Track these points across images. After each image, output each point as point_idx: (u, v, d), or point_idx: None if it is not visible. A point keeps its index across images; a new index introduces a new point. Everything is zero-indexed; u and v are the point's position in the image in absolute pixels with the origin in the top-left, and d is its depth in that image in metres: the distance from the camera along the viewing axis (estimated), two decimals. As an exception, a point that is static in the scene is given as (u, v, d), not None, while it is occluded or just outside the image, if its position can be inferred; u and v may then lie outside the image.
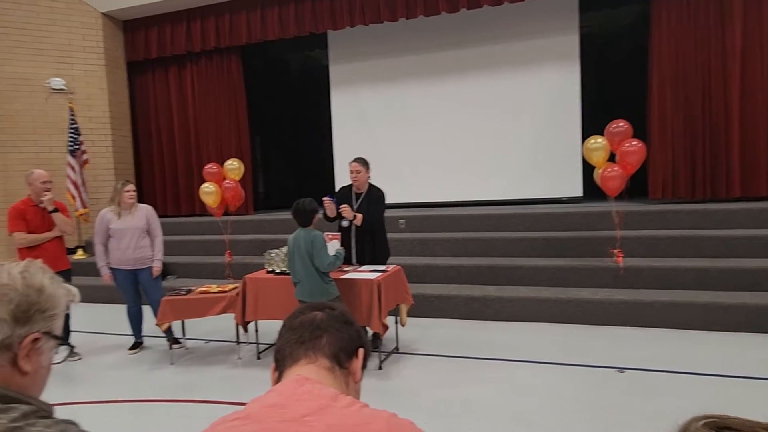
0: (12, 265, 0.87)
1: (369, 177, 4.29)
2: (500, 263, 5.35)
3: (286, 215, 7.38)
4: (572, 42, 6.84)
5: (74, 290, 0.94)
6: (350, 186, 4.31)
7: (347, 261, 4.17)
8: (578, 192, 6.97)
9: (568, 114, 6.89)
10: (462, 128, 7.35)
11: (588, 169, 6.13)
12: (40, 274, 0.87)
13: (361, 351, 0.99)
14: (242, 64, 8.00)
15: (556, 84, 6.93)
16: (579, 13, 6.83)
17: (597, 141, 4.93)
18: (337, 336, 0.96)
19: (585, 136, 5.68)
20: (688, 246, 5.10)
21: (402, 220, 6.33)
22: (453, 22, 7.18)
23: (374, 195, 4.24)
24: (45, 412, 0.81)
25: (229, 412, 2.97)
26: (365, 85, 7.81)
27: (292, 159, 10.66)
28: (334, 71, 8.02)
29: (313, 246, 3.51)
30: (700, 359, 3.69)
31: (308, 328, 0.96)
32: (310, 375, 0.89)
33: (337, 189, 7.94)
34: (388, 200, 4.37)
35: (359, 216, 4.06)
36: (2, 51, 7.20)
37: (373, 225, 4.19)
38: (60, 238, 4.44)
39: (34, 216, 4.27)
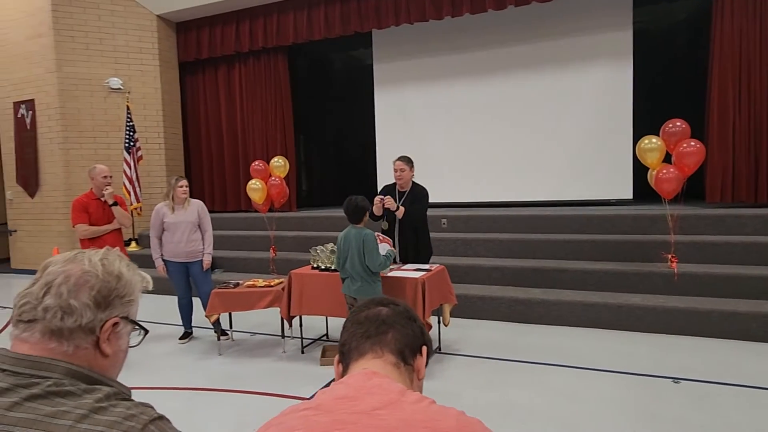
0: (92, 252, 0.90)
1: (413, 175, 4.28)
2: (545, 265, 5.23)
3: (329, 213, 7.49)
4: (625, 38, 6.60)
5: (148, 277, 0.98)
6: (394, 184, 4.32)
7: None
8: (628, 194, 6.73)
9: (619, 113, 6.66)
10: (507, 127, 7.24)
11: (639, 170, 5.91)
12: (118, 261, 0.91)
13: (424, 348, 0.99)
14: (288, 63, 8.16)
15: (606, 82, 6.71)
16: (633, 8, 6.59)
17: (652, 141, 4.73)
18: (403, 332, 0.96)
19: (637, 136, 5.48)
20: (750, 252, 4.83)
21: (444, 220, 6.29)
22: (499, 20, 7.07)
23: (418, 193, 4.24)
24: (125, 394, 0.84)
25: (275, 404, 3.01)
26: (409, 84, 7.81)
27: (335, 157, 10.78)
28: (378, 70, 8.05)
29: (364, 245, 3.51)
30: (763, 372, 3.48)
31: (374, 322, 0.96)
32: (377, 369, 0.90)
33: (379, 187, 8.03)
34: (431, 200, 4.35)
35: (402, 208, 4.07)
36: (66, 52, 7.62)
37: (415, 223, 4.19)
38: (118, 230, 4.66)
39: (95, 209, 4.49)
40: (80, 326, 0.83)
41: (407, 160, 4.24)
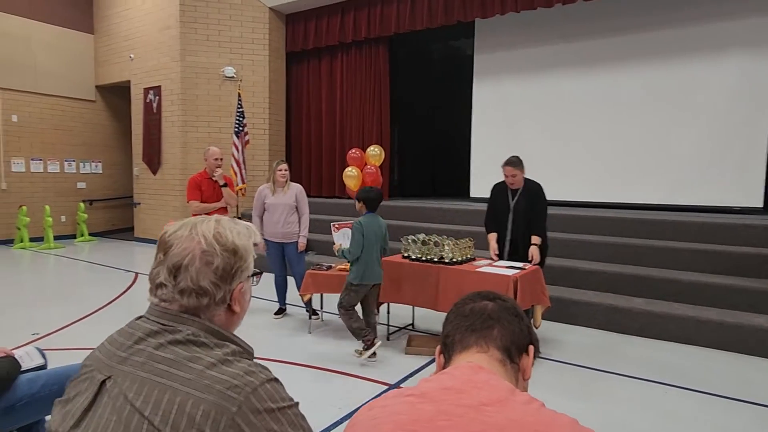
0: (203, 225, 0.96)
1: (523, 173, 4.12)
2: (652, 274, 4.82)
3: (419, 203, 7.50)
4: (765, 24, 5.83)
5: (252, 227, 1.05)
6: (503, 182, 4.18)
7: (499, 255, 4.12)
8: (758, 202, 5.98)
9: (754, 111, 5.91)
10: (616, 123, 6.74)
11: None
12: (229, 232, 0.98)
13: (531, 348, 0.94)
14: (388, 53, 8.23)
15: (739, 75, 5.99)
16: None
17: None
18: (509, 329, 0.92)
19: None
20: None
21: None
22: (613, 6, 6.57)
23: (533, 189, 4.08)
24: (249, 353, 0.96)
25: (359, 385, 3.07)
26: (510, 75, 7.54)
27: (428, 148, 10.75)
28: (479, 61, 7.85)
29: (386, 230, 3.93)
30: None
31: (479, 316, 0.93)
32: (482, 364, 0.87)
33: (472, 181, 7.88)
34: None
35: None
36: (189, 43, 8.32)
37: (535, 222, 4.03)
38: (225, 208, 5.03)
39: (207, 187, 4.88)
40: (214, 302, 0.95)
41: (516, 164, 4.03)
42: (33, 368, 2.09)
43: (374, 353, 3.71)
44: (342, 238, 4.13)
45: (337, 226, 4.32)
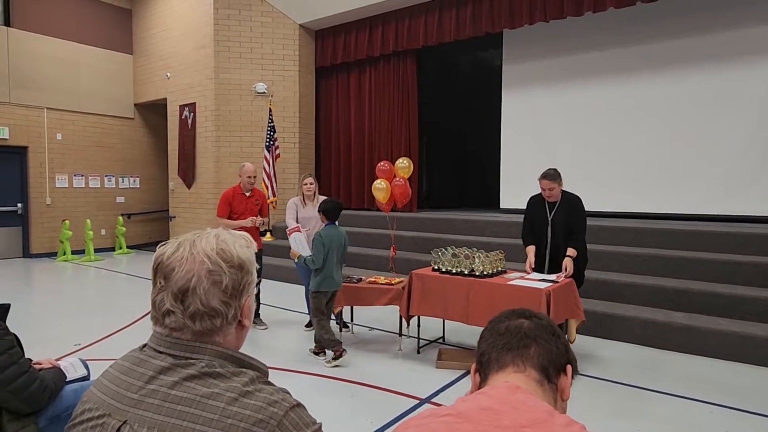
0: (202, 244, 0.90)
1: (561, 186, 4.07)
2: (692, 287, 4.65)
3: (448, 215, 7.47)
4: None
5: (248, 236, 0.99)
6: (539, 194, 4.15)
7: (539, 269, 4.07)
8: (805, 212, 5.71)
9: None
10: (651, 131, 6.58)
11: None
12: (230, 246, 0.92)
13: (569, 367, 0.92)
14: (416, 65, 8.28)
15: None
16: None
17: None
18: (546, 348, 0.91)
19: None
20: None
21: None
22: (646, 13, 6.45)
23: (572, 202, 4.03)
24: (264, 377, 0.91)
25: (389, 399, 3.04)
26: (540, 84, 7.47)
27: (457, 160, 10.72)
28: (508, 71, 7.82)
29: (346, 240, 4.15)
30: None
31: (515, 335, 0.92)
32: (520, 384, 0.86)
33: (502, 193, 7.80)
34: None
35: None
36: (223, 61, 8.57)
37: (575, 235, 3.98)
38: (254, 228, 5.09)
39: (238, 202, 4.99)
40: (227, 321, 0.90)
41: (553, 177, 3.99)
42: (77, 379, 2.17)
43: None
44: (294, 243, 4.18)
45: (288, 231, 4.39)
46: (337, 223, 4.20)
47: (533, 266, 4.05)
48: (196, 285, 0.87)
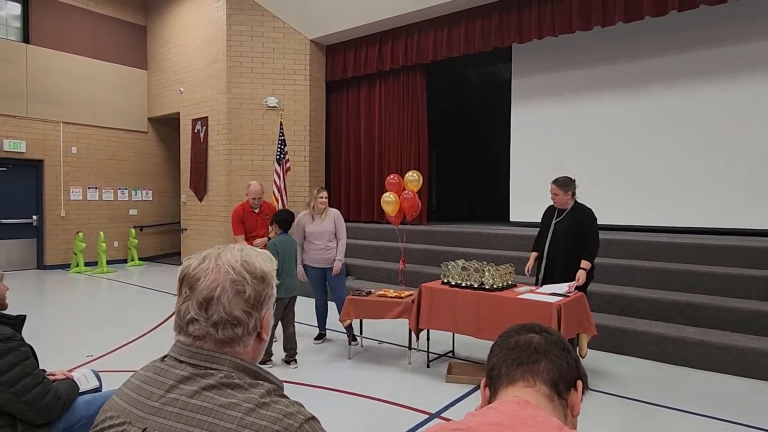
0: (227, 257, 0.94)
1: (571, 197, 4.08)
2: (706, 302, 4.59)
3: (458, 227, 7.46)
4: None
5: (268, 253, 1.02)
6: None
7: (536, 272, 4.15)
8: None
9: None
10: (662, 144, 6.55)
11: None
12: (254, 260, 0.96)
13: (579, 383, 0.92)
14: (426, 79, 8.35)
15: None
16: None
17: None
18: (557, 363, 0.91)
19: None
20: None
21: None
22: (656, 27, 6.45)
23: (581, 213, 4.05)
24: (280, 390, 0.92)
25: (399, 413, 3.03)
26: (549, 98, 7.49)
27: (466, 173, 10.73)
28: (517, 85, 7.85)
29: (297, 247, 4.60)
30: None
31: (525, 350, 0.93)
32: (530, 399, 0.86)
33: (511, 205, 7.78)
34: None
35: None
36: (235, 76, 8.71)
37: (581, 245, 3.97)
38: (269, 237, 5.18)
39: (249, 219, 5.14)
40: (247, 331, 0.93)
41: (561, 184, 4.06)
42: (89, 390, 2.19)
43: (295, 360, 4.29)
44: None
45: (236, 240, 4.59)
46: (289, 232, 4.57)
47: (530, 270, 4.23)
48: (220, 294, 0.90)
